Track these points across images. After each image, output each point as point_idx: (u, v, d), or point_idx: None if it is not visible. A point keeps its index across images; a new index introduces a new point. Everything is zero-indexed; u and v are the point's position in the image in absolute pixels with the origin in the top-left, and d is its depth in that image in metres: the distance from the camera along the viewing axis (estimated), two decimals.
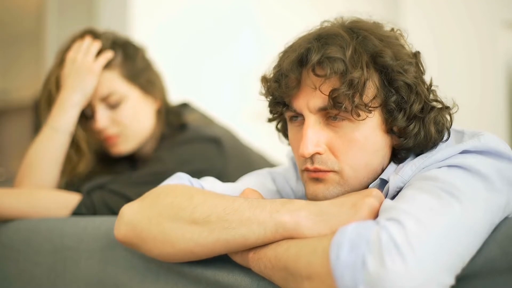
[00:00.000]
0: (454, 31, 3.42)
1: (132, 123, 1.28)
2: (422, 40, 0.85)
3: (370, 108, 0.76)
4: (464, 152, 0.75)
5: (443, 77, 3.00)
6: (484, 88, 3.51)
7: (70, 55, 1.24)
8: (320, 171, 0.79)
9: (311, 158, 0.79)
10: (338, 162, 0.79)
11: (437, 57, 3.19)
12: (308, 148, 0.77)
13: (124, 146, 1.29)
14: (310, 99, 0.78)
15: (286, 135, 0.93)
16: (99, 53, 1.25)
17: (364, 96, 0.76)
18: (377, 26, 0.83)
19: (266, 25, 2.77)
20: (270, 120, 0.93)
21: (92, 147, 1.30)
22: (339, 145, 0.79)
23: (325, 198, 0.79)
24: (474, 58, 3.48)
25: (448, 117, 0.82)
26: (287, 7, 2.87)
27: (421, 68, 0.82)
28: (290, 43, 0.85)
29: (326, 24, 0.85)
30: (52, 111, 1.21)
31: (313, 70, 0.77)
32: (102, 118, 1.25)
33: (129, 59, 1.29)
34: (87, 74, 1.21)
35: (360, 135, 0.78)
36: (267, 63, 0.88)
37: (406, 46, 0.83)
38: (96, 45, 1.24)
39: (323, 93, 0.76)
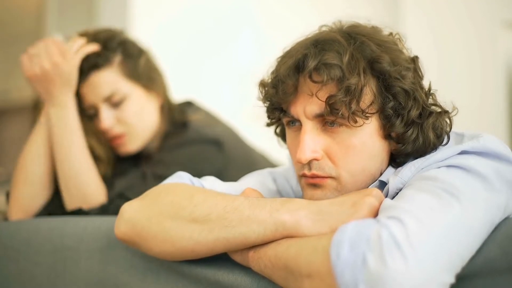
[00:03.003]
0: (454, 31, 3.42)
1: (137, 121, 1.28)
2: (422, 40, 0.85)
3: (367, 115, 0.76)
4: (463, 152, 0.75)
5: (443, 77, 3.00)
6: (484, 88, 3.51)
7: None
8: (317, 177, 0.80)
9: (309, 164, 0.80)
10: (336, 168, 0.79)
11: (437, 57, 3.19)
12: (306, 154, 0.77)
13: (131, 145, 1.29)
14: (307, 105, 0.78)
15: (285, 139, 0.93)
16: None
17: (361, 102, 0.76)
18: (375, 30, 0.83)
19: (266, 25, 2.77)
20: (268, 125, 0.93)
21: (108, 149, 1.29)
22: (336, 151, 0.79)
23: None
24: (474, 58, 3.48)
25: (448, 121, 0.82)
26: (287, 7, 2.87)
27: (419, 73, 0.82)
28: (287, 49, 0.85)
29: (324, 28, 0.85)
30: (44, 108, 1.22)
31: (310, 76, 0.77)
32: (107, 118, 1.25)
33: (129, 58, 1.28)
34: (65, 66, 1.19)
35: (357, 141, 0.78)
36: (266, 66, 0.88)
37: (404, 51, 0.83)
38: (80, 41, 1.24)
39: (319, 100, 0.76)
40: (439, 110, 0.82)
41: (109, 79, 1.25)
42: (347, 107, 0.75)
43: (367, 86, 0.77)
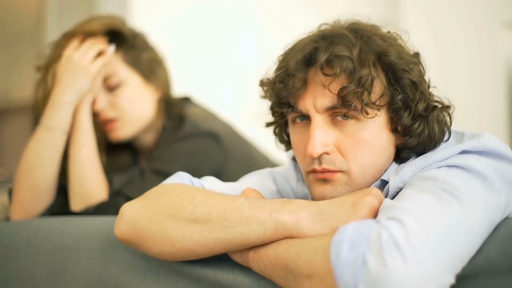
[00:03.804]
0: (454, 31, 3.42)
1: (131, 108, 1.28)
2: (422, 40, 0.86)
3: (378, 106, 0.77)
4: (463, 152, 0.75)
5: (443, 77, 3.00)
6: (484, 88, 3.51)
7: (67, 52, 1.23)
8: (328, 171, 0.79)
9: (319, 158, 0.79)
10: (346, 161, 0.79)
11: (437, 57, 3.18)
12: (316, 148, 0.77)
13: (122, 131, 1.29)
14: (317, 99, 0.78)
15: (283, 140, 0.93)
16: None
17: (372, 94, 0.76)
18: (375, 28, 0.84)
19: (266, 25, 2.77)
20: (268, 125, 0.93)
21: (101, 134, 1.30)
22: (347, 145, 0.79)
23: None
24: (474, 58, 3.48)
25: (448, 117, 0.83)
26: (287, 7, 2.87)
27: (423, 68, 0.83)
28: (291, 45, 0.85)
29: (324, 26, 0.86)
30: (45, 110, 1.20)
31: (322, 69, 0.77)
32: (101, 100, 1.26)
33: (134, 47, 1.30)
34: (83, 74, 1.20)
35: (367, 134, 0.78)
36: (267, 65, 0.88)
37: (405, 47, 0.84)
38: (97, 47, 1.24)
39: (331, 92, 0.76)
40: (440, 105, 0.83)
41: (110, 62, 1.26)
42: (360, 99, 0.75)
43: (377, 79, 0.78)
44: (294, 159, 0.99)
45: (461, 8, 3.45)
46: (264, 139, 1.32)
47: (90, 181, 1.18)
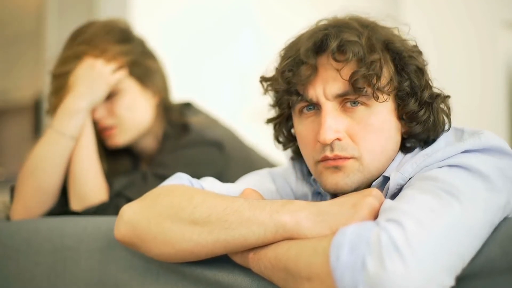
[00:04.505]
0: (454, 31, 3.42)
1: (128, 115, 1.28)
2: (422, 39, 0.86)
3: (388, 91, 0.78)
4: (465, 151, 0.75)
5: (443, 77, 2.99)
6: (484, 88, 3.51)
7: (89, 60, 1.22)
8: (340, 158, 0.79)
9: (331, 145, 0.79)
10: (357, 148, 0.79)
11: (437, 56, 3.17)
12: (329, 134, 0.78)
13: (120, 138, 1.29)
14: (327, 86, 0.79)
15: (282, 137, 0.93)
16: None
17: (382, 78, 0.78)
18: (375, 22, 0.85)
19: (266, 25, 2.77)
20: (269, 120, 0.93)
21: (99, 141, 1.30)
22: (357, 131, 0.79)
23: (347, 186, 0.80)
24: (474, 58, 3.48)
25: (448, 108, 0.85)
26: (287, 7, 2.87)
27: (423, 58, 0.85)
28: (293, 39, 0.86)
29: (323, 22, 0.86)
30: (57, 113, 1.20)
31: (333, 55, 0.78)
32: (98, 109, 1.25)
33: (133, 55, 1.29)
34: (102, 83, 1.21)
35: (376, 120, 0.79)
36: (267, 63, 0.88)
37: (405, 39, 0.85)
38: (117, 64, 1.25)
39: (343, 78, 0.77)
40: (442, 95, 0.84)
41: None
42: (370, 83, 0.76)
43: (386, 65, 0.79)
44: (293, 158, 0.99)
45: (461, 8, 3.45)
46: (263, 139, 1.32)
47: (90, 182, 1.18)
